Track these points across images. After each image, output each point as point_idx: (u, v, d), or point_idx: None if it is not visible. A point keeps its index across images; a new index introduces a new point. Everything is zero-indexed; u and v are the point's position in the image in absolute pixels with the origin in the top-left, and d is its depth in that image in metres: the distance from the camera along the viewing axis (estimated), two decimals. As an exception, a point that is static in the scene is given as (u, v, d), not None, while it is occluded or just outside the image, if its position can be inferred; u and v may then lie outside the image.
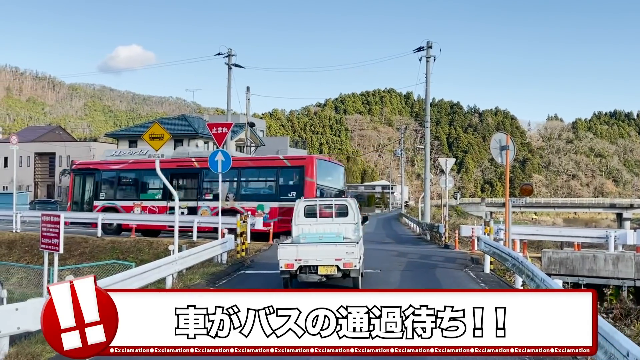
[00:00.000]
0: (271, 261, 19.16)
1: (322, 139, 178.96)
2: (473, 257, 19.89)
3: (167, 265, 13.50)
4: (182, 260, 14.38)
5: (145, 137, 14.92)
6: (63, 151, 57.71)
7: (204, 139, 46.42)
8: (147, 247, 23.45)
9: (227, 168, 18.69)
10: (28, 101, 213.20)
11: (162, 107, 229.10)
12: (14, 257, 24.34)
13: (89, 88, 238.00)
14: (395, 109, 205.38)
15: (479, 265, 17.98)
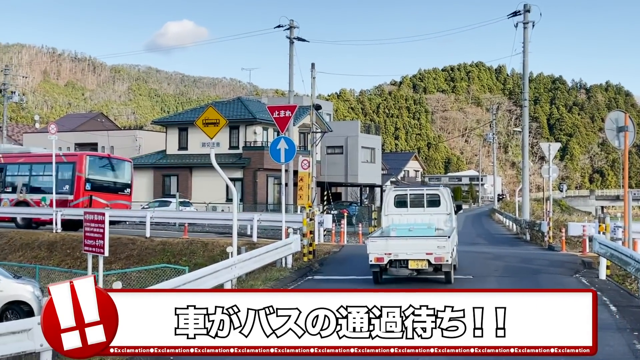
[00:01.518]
0: (343, 265, 19.16)
1: (398, 123, 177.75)
2: (585, 261, 19.26)
3: (225, 270, 13.64)
4: (242, 264, 14.50)
5: (198, 123, 15.11)
6: (106, 141, 59.46)
7: (262, 124, 46.86)
8: (201, 248, 23.87)
9: (291, 158, 18.74)
10: (67, 86, 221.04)
11: (214, 90, 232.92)
12: (54, 261, 25.28)
13: (134, 70, 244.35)
14: (485, 86, 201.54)
15: (592, 270, 17.39)
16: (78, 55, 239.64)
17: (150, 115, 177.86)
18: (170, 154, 49.20)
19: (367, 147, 57.78)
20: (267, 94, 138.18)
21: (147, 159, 50.48)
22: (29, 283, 16.78)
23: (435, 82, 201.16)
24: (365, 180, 55.40)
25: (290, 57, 37.45)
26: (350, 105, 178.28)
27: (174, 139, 49.30)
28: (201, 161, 46.42)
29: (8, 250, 26.98)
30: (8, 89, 51.76)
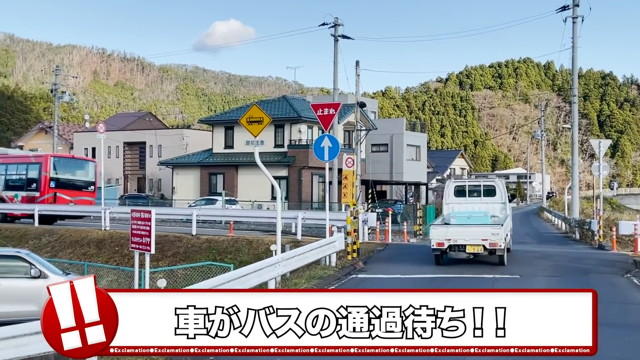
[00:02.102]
0: (387, 263, 19.01)
1: (444, 120, 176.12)
2: (636, 260, 18.75)
3: (269, 267, 13.64)
4: (286, 262, 14.49)
5: (242, 122, 15.13)
6: (154, 140, 60.32)
7: (307, 123, 46.87)
8: (246, 246, 23.95)
9: (334, 156, 18.65)
10: (116, 86, 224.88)
11: (260, 89, 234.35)
12: (103, 258, 25.67)
13: (181, 69, 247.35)
14: (533, 82, 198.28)
15: (645, 271, 16.88)
16: (127, 55, 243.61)
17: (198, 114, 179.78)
18: (216, 153, 49.58)
19: (412, 145, 57.30)
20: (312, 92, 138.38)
21: (194, 157, 50.98)
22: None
23: (482, 78, 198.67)
24: (411, 179, 54.98)
25: (335, 55, 37.35)
26: (396, 103, 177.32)
27: (220, 137, 49.66)
28: (247, 159, 46.63)
29: (58, 247, 27.51)
30: (59, 89, 52.79)
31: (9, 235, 29.97)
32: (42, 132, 78.89)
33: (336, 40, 37.32)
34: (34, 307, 15.95)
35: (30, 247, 25.89)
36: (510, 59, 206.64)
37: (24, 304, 15.79)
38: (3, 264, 16.17)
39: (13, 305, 15.66)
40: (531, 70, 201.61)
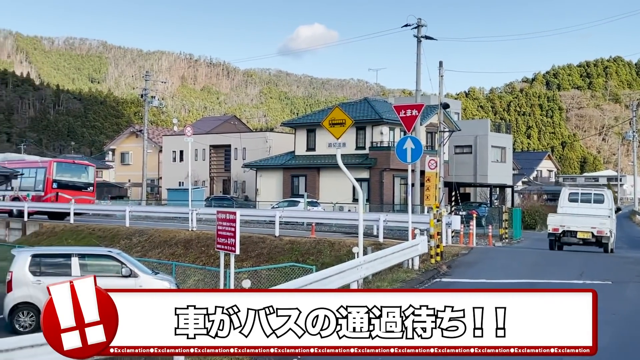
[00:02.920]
0: (472, 268, 18.63)
1: (530, 121, 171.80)
2: None
3: (351, 270, 13.56)
4: (368, 265, 14.38)
5: (324, 124, 15.15)
6: (239, 143, 61.31)
7: (389, 124, 46.63)
8: (328, 248, 23.99)
9: (417, 158, 18.41)
10: (202, 90, 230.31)
11: (341, 91, 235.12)
12: (190, 258, 26.24)
13: (265, 74, 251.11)
14: (624, 82, 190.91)
15: None
16: (213, 60, 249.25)
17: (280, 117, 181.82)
18: (298, 155, 49.97)
19: (497, 146, 56.13)
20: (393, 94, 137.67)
21: (277, 160, 51.53)
22: (167, 279, 17.47)
23: (570, 78, 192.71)
24: (495, 181, 53.85)
25: (418, 55, 37.00)
26: (480, 104, 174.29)
27: (302, 140, 50.03)
28: (328, 162, 46.78)
29: (148, 247, 28.31)
30: (149, 94, 54.42)
31: (102, 235, 31.09)
32: (132, 136, 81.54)
33: (419, 41, 36.97)
34: (125, 305, 16.49)
35: (121, 246, 26.73)
36: (600, 58, 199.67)
37: (115, 302, 16.32)
38: (96, 263, 16.76)
39: (105, 303, 16.19)
40: (622, 70, 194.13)
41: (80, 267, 16.35)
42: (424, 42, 37.16)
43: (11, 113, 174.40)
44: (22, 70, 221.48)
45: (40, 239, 33.27)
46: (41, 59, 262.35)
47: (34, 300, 15.80)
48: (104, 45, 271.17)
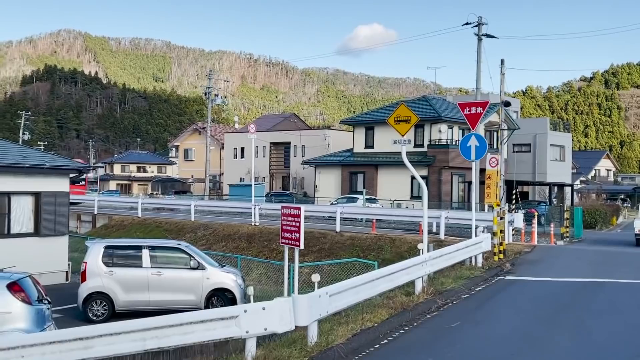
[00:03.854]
0: (535, 266, 18.17)
1: (588, 120, 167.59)
2: None
3: (416, 266, 13.35)
4: (433, 262, 14.14)
5: (390, 121, 14.97)
6: (298, 140, 61.44)
7: (447, 122, 45.97)
8: (389, 244, 23.78)
9: (481, 155, 18.06)
10: (262, 89, 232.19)
11: (398, 90, 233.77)
12: (253, 252, 26.37)
13: (322, 72, 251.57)
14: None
15: None
16: (272, 60, 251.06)
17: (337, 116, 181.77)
18: (357, 152, 49.73)
19: (556, 145, 54.81)
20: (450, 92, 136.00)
21: (335, 157, 51.41)
22: (232, 272, 17.52)
23: (630, 77, 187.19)
24: (554, 179, 52.56)
25: (478, 54, 36.37)
26: (537, 103, 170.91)
27: (361, 137, 49.77)
28: (386, 159, 46.45)
29: (212, 240, 28.58)
30: (212, 92, 54.96)
31: (168, 228, 31.54)
32: (195, 133, 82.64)
33: (480, 40, 36.36)
34: (193, 297, 16.59)
35: (187, 239, 27.04)
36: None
37: (184, 293, 16.44)
38: (166, 255, 16.93)
39: (175, 294, 16.34)
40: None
41: (151, 258, 16.55)
42: (483, 40, 36.54)
43: (80, 110, 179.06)
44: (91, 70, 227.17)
45: (110, 231, 33.97)
46: (108, 58, 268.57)
47: (106, 290, 16.08)
48: (168, 46, 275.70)
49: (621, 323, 11.39)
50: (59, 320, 14.67)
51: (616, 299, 13.59)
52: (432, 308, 12.63)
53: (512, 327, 11.34)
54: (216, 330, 8.99)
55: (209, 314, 9.21)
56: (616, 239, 32.98)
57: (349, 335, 10.30)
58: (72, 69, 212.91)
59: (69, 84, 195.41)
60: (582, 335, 10.70)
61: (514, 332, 10.93)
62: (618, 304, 13.09)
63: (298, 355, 9.27)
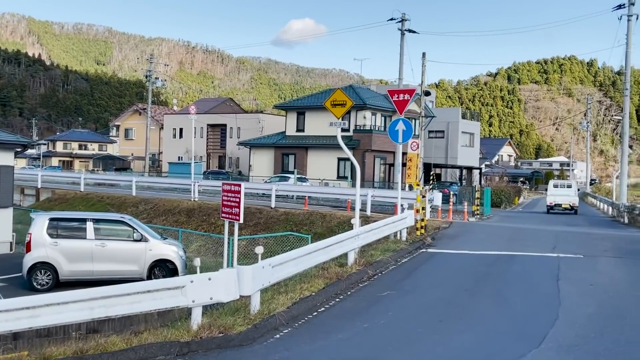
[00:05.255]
0: (454, 240, 18.30)
1: (492, 111, 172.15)
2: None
3: (349, 240, 13.16)
4: (364, 235, 13.97)
5: (327, 104, 14.66)
6: (234, 123, 60.42)
7: (371, 109, 46.05)
8: (320, 219, 23.57)
9: (408, 138, 17.97)
10: (199, 75, 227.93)
11: (325, 80, 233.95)
12: (192, 225, 25.68)
13: (256, 61, 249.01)
14: (576, 78, 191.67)
15: None
16: (209, 47, 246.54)
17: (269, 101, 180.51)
18: (289, 135, 49.27)
19: (466, 132, 55.90)
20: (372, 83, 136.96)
21: (269, 139, 50.81)
22: (174, 244, 16.93)
23: (529, 73, 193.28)
24: (464, 163, 53.64)
25: (401, 47, 36.48)
26: (448, 94, 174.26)
27: (293, 121, 49.31)
28: (316, 142, 46.28)
29: (153, 214, 27.70)
30: (153, 75, 53.28)
31: (110, 202, 30.39)
32: (136, 114, 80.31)
33: (403, 34, 36.41)
34: (136, 267, 15.94)
35: (129, 213, 26.04)
36: (556, 56, 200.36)
37: (128, 264, 15.78)
38: (109, 228, 16.18)
39: (118, 264, 15.65)
40: (575, 67, 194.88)
41: (95, 231, 15.80)
42: (406, 35, 36.58)
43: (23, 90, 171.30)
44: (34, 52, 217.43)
45: (53, 204, 32.49)
46: (52, 41, 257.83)
47: (51, 260, 15.30)
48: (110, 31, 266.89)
49: (534, 291, 11.50)
50: (4, 289, 13.83)
51: (527, 269, 13.77)
52: (363, 278, 12.48)
53: (438, 295, 11.29)
54: (163, 300, 8.54)
55: (156, 284, 8.71)
56: (527, 213, 35.39)
57: (289, 304, 10.04)
58: (16, 51, 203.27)
59: (12, 64, 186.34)
60: (501, 302, 10.73)
61: (440, 300, 10.87)
62: (529, 274, 13.25)
63: (242, 322, 8.94)
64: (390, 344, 8.21)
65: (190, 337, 8.26)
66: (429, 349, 8.03)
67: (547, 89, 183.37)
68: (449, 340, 8.39)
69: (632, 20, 32.58)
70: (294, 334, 8.84)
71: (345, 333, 8.75)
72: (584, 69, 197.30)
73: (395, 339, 8.49)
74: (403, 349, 8.03)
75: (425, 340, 8.43)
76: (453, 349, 8.02)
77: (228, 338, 8.37)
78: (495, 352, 7.81)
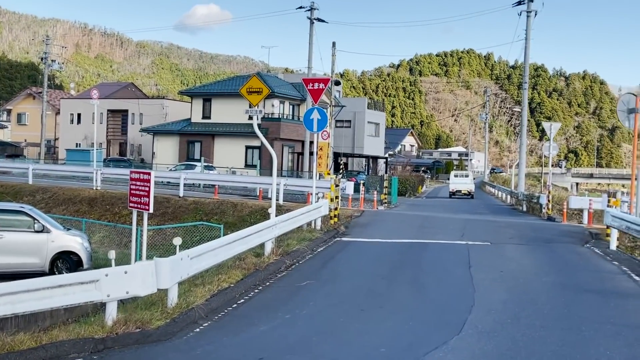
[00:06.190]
0: (367, 228, 18.51)
1: (395, 102, 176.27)
2: (591, 232, 18.55)
3: (267, 229, 12.98)
4: (281, 225, 13.84)
5: (242, 92, 14.40)
6: (136, 108, 58.42)
7: (279, 98, 45.82)
8: (231, 208, 23.20)
9: (323, 127, 17.93)
10: (96, 58, 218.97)
11: (229, 66, 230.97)
12: (95, 215, 24.60)
13: (157, 46, 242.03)
14: (474, 71, 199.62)
15: (600, 241, 16.69)
16: (107, 30, 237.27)
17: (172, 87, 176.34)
18: (195, 122, 48.24)
19: (372, 122, 56.85)
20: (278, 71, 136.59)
21: (174, 126, 49.54)
22: (78, 235, 16.12)
23: (430, 65, 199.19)
24: (371, 152, 54.59)
25: (310, 36, 36.52)
26: (353, 85, 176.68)
27: (199, 108, 48.28)
28: (223, 130, 45.61)
29: (52, 204, 26.32)
30: (49, 57, 50.58)
31: (4, 191, 28.61)
32: (29, 98, 76.03)
33: (312, 23, 36.43)
34: (37, 260, 15.04)
35: (26, 202, 24.59)
36: (455, 50, 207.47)
37: (28, 256, 14.87)
38: (7, 218, 15.19)
39: (18, 257, 14.72)
40: (473, 61, 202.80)
41: (-9, 221, 14.76)
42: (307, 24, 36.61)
43: None
44: None
45: (-62, 194, 30.19)
46: None
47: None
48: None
49: (449, 278, 11.79)
50: None
51: (440, 257, 14.11)
52: (281, 268, 12.36)
53: (357, 284, 11.34)
54: (75, 295, 8.06)
55: (68, 278, 8.20)
56: (432, 199, 36.11)
57: (208, 296, 9.78)
58: None
59: None
60: (419, 289, 10.92)
61: (359, 289, 10.92)
62: (442, 261, 13.58)
63: (160, 317, 8.62)
64: (315, 335, 8.15)
65: (106, 334, 7.88)
66: (353, 338, 8.02)
67: (447, 82, 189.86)
68: (373, 329, 8.43)
69: (531, 16, 34.08)
70: (215, 327, 8.61)
71: (269, 324, 8.61)
72: (482, 62, 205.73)
73: (319, 329, 8.43)
74: (328, 339, 7.99)
75: (349, 329, 8.43)
76: (377, 337, 8.05)
77: (146, 333, 8.04)
78: (419, 339, 7.91)
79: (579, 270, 12.67)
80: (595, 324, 8.52)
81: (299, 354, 7.39)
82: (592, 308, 9.53)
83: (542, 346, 7.50)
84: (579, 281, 11.57)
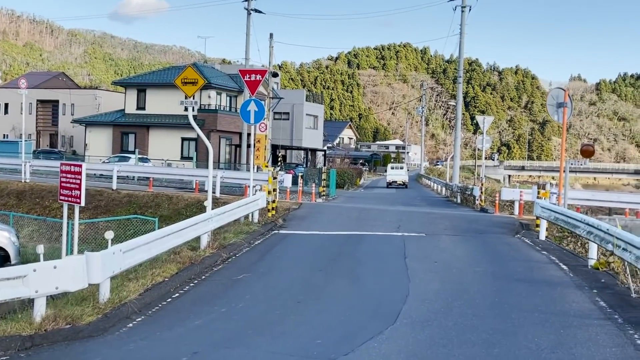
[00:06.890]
0: (304, 221, 18.56)
1: (333, 94, 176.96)
2: (522, 223, 19.14)
3: (203, 222, 12.84)
4: (218, 218, 13.71)
5: (177, 82, 14.16)
6: (67, 99, 56.72)
7: (216, 89, 45.33)
8: (166, 201, 22.86)
9: (260, 119, 17.84)
10: (25, 46, 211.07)
11: (165, 57, 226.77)
12: (24, 209, 23.80)
13: (89, 34, 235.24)
14: (411, 65, 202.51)
15: (530, 232, 17.26)
16: (36, 17, 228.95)
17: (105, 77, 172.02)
18: (128, 113, 47.19)
19: (310, 115, 57.00)
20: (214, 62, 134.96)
21: (107, 117, 48.34)
22: (5, 229, 15.48)
23: (368, 59, 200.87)
24: (309, 145, 54.74)
25: (247, 27, 36.25)
26: (291, 77, 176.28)
27: (133, 99, 47.24)
28: (158, 121, 44.82)
29: (-23, 198, 25.30)
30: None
31: None
32: (-49, 86, 72.65)
33: (249, 14, 36.17)
34: (-39, 256, 14.40)
35: (-53, 196, 23.63)
36: (393, 43, 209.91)
37: (-49, 252, 14.20)
38: None
39: (-61, 254, 14.05)
40: (410, 54, 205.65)
41: None
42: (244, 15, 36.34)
43: None
44: None
45: None
46: None
47: None
48: None
49: (384, 269, 11.95)
50: None
51: (376, 248, 14.29)
52: (218, 261, 12.27)
53: (294, 276, 11.37)
54: (1, 291, 7.77)
55: (-8, 274, 7.89)
56: (370, 191, 36.01)
57: (141, 291, 9.63)
58: None
59: None
60: (355, 281, 11.04)
61: (296, 282, 10.96)
62: (378, 252, 13.76)
63: (91, 312, 8.43)
64: (251, 328, 8.13)
65: (34, 330, 7.65)
66: (290, 330, 8.05)
67: (385, 75, 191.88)
68: (309, 321, 8.48)
69: (466, 11, 34.83)
70: (149, 322, 8.49)
71: (204, 318, 8.55)
72: (418, 56, 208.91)
73: (255, 322, 8.42)
74: (264, 331, 7.98)
75: (286, 321, 8.45)
76: (314, 328, 8.11)
77: (76, 329, 7.86)
78: (355, 330, 7.99)
79: (510, 260, 13.07)
80: (525, 312, 8.81)
81: (234, 347, 7.36)
82: (521, 296, 9.86)
83: (474, 334, 7.70)
84: (509, 271, 11.94)
